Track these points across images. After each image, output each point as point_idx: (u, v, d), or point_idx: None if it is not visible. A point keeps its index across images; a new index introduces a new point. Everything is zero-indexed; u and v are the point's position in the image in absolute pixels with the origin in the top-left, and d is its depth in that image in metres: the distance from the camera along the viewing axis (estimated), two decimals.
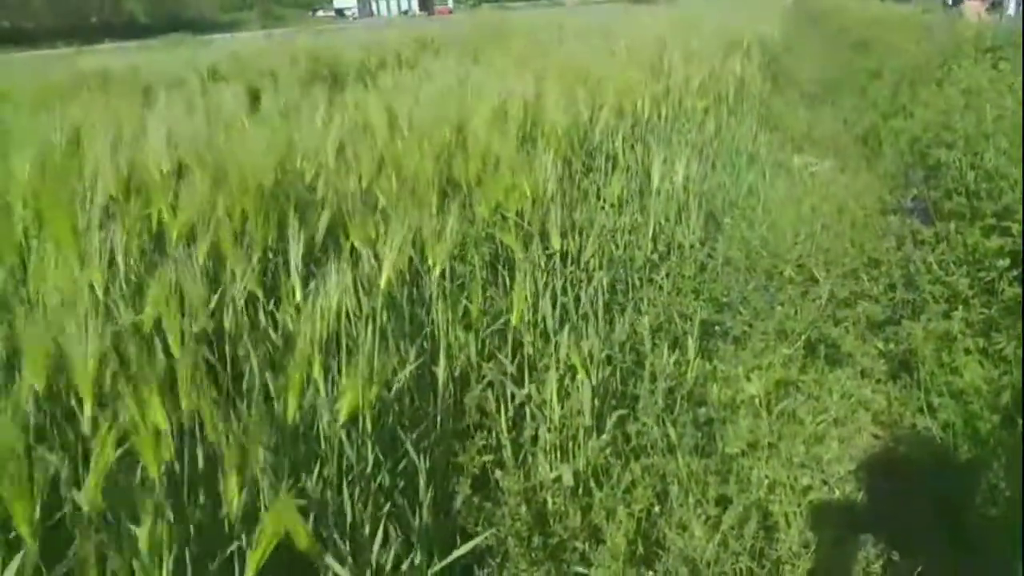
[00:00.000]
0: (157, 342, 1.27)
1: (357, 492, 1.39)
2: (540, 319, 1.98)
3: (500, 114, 2.74)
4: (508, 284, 2.13)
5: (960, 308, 2.29)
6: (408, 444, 1.52)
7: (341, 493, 1.37)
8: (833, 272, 2.66)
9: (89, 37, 19.03)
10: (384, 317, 1.62)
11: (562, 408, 1.75)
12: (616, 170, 2.95)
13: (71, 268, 1.24)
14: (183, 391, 1.14)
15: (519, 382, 1.86)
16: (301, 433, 1.42)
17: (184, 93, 3.30)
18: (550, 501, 1.66)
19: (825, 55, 9.18)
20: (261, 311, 1.62)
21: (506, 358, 1.87)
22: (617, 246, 2.63)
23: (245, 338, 1.41)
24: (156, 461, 1.05)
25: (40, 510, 0.99)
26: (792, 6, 16.48)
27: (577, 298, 2.17)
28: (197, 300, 1.27)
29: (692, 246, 2.89)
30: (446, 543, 1.50)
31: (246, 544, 1.06)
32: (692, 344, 2.10)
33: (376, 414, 1.41)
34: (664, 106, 3.77)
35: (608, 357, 1.99)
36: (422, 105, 2.56)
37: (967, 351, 2.14)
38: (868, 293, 2.58)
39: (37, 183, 1.61)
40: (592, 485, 1.68)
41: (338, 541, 1.33)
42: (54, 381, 1.09)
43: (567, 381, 1.82)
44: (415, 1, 48.69)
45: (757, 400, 1.95)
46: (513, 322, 1.77)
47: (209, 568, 1.23)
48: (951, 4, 10.53)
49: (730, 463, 1.78)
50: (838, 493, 1.81)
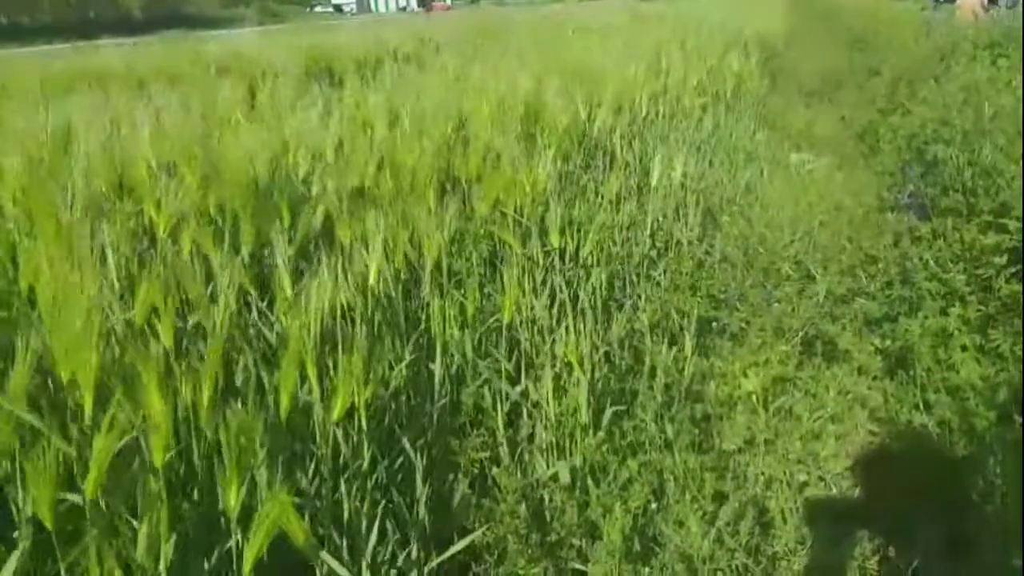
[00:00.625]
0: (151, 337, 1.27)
1: (354, 489, 1.39)
2: (537, 316, 1.97)
3: (499, 111, 2.74)
4: (505, 281, 2.13)
5: (957, 305, 2.29)
6: (405, 441, 1.52)
7: (338, 490, 1.36)
8: (830, 269, 2.66)
9: (86, 33, 18.96)
10: (380, 314, 1.62)
11: (559, 405, 1.75)
12: (614, 167, 2.94)
13: (62, 264, 1.23)
14: (179, 386, 1.14)
15: (515, 379, 1.85)
16: (296, 430, 1.42)
17: (180, 89, 3.28)
18: (547, 498, 1.66)
19: (823, 52, 9.16)
20: (254, 307, 1.61)
21: (503, 355, 1.87)
22: (615, 243, 2.63)
23: (237, 335, 1.40)
24: (161, 451, 1.05)
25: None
26: (791, 3, 16.45)
27: (575, 295, 2.17)
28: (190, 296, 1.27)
29: (690, 243, 2.89)
30: (443, 540, 1.50)
31: (242, 540, 1.05)
32: (689, 341, 2.10)
33: (373, 411, 1.40)
34: (662, 103, 3.77)
35: (605, 354, 1.99)
36: (420, 101, 2.55)
37: (963, 348, 2.14)
38: (865, 290, 2.58)
39: (28, 180, 1.60)
40: (589, 482, 1.68)
41: (335, 538, 1.33)
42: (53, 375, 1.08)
43: (564, 378, 1.82)
44: None
45: (754, 397, 1.95)
46: (504, 319, 1.76)
47: (207, 564, 1.23)
48: (939, 1, 10.52)
49: (727, 459, 1.78)
50: (834, 489, 1.81)
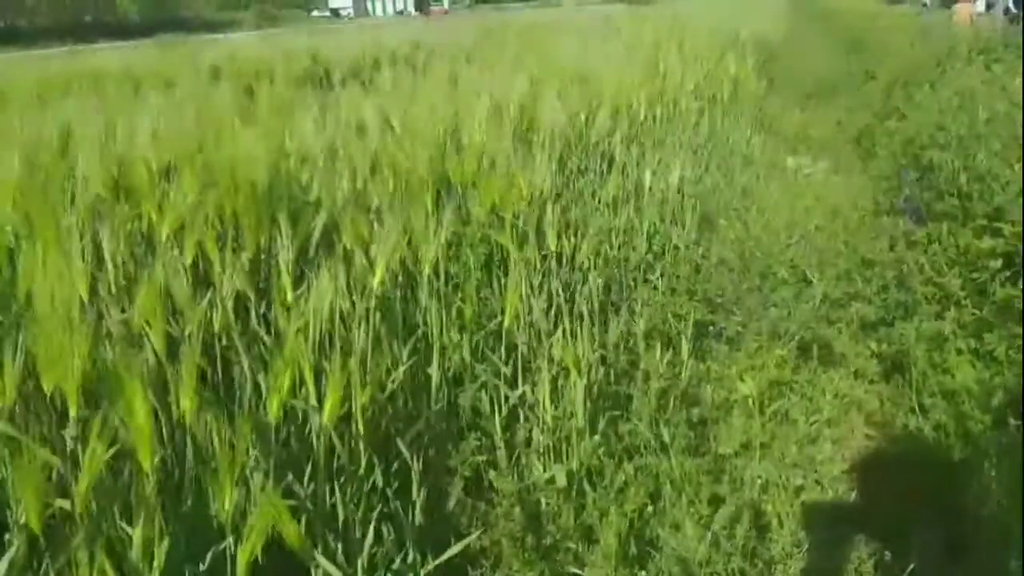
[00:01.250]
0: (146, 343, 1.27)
1: (350, 492, 1.39)
2: (534, 320, 1.98)
3: (496, 115, 2.74)
4: (503, 285, 2.13)
5: (952, 309, 2.29)
6: (401, 444, 1.52)
7: (334, 493, 1.36)
8: (826, 273, 2.67)
9: (83, 36, 18.96)
10: (377, 318, 1.62)
11: (555, 409, 1.75)
12: (611, 171, 2.95)
13: (58, 268, 1.23)
14: (174, 392, 1.14)
15: (512, 383, 1.85)
16: (292, 433, 1.42)
17: (177, 93, 3.28)
18: (543, 502, 1.66)
19: (820, 56, 9.20)
20: (252, 312, 1.61)
21: (500, 359, 1.87)
22: (612, 246, 2.63)
23: (236, 339, 1.40)
24: (148, 458, 1.05)
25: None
26: (788, 7, 16.50)
27: (571, 298, 2.17)
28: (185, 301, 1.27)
29: (686, 247, 2.89)
30: (439, 543, 1.49)
31: (233, 544, 1.05)
32: (686, 344, 2.10)
33: (370, 415, 1.40)
34: (659, 107, 3.78)
35: (602, 358, 1.99)
36: (417, 105, 2.55)
37: (959, 352, 2.14)
38: (861, 294, 2.59)
39: (25, 183, 1.60)
40: (585, 485, 1.68)
41: (331, 541, 1.33)
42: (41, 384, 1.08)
43: (560, 382, 1.82)
44: (411, 1, 48.61)
45: (750, 400, 1.95)
46: (506, 323, 1.77)
47: (200, 568, 1.23)
48: (927, 5, 10.59)
49: (723, 463, 1.78)
50: (831, 493, 1.81)
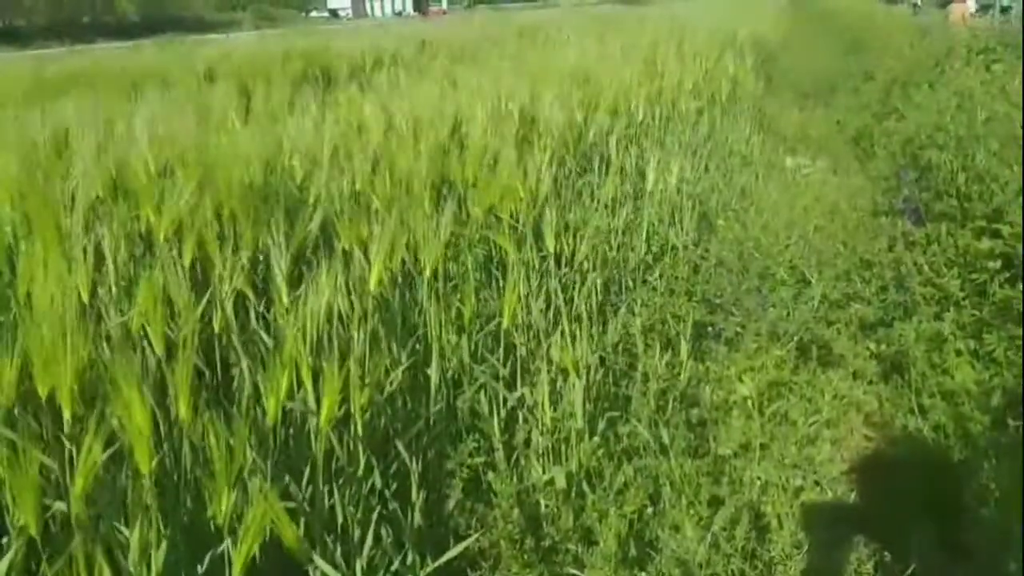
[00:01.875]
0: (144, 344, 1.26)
1: (349, 494, 1.38)
2: (533, 321, 1.97)
3: (494, 115, 2.73)
4: (501, 286, 2.13)
5: (951, 310, 2.29)
6: (400, 446, 1.52)
7: (332, 495, 1.36)
8: (825, 274, 2.67)
9: (81, 36, 18.93)
10: (376, 319, 1.61)
11: (554, 410, 1.75)
12: (610, 171, 2.95)
13: (58, 269, 1.23)
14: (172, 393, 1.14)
15: (511, 384, 1.85)
16: (291, 435, 1.41)
17: (175, 93, 3.28)
18: (542, 503, 1.66)
19: (819, 56, 9.20)
20: (252, 312, 1.61)
21: (498, 360, 1.86)
22: (611, 247, 2.63)
23: (234, 340, 1.40)
24: (146, 460, 1.04)
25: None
26: (787, 7, 16.51)
27: (570, 299, 2.17)
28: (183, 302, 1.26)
29: (685, 247, 2.89)
30: (438, 545, 1.49)
31: (231, 545, 1.05)
32: (685, 345, 2.10)
33: (368, 416, 1.40)
34: (658, 107, 3.78)
35: (601, 359, 1.99)
36: (416, 106, 2.55)
37: (958, 353, 2.14)
38: (860, 295, 2.59)
39: (24, 183, 1.59)
40: (584, 487, 1.68)
41: (329, 543, 1.32)
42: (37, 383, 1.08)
43: (559, 383, 1.81)
44: (409, 2, 48.59)
45: (749, 401, 1.95)
46: (504, 324, 1.76)
47: (198, 569, 1.22)
48: (918, 5, 10.61)
49: (722, 464, 1.78)
50: (830, 494, 1.81)
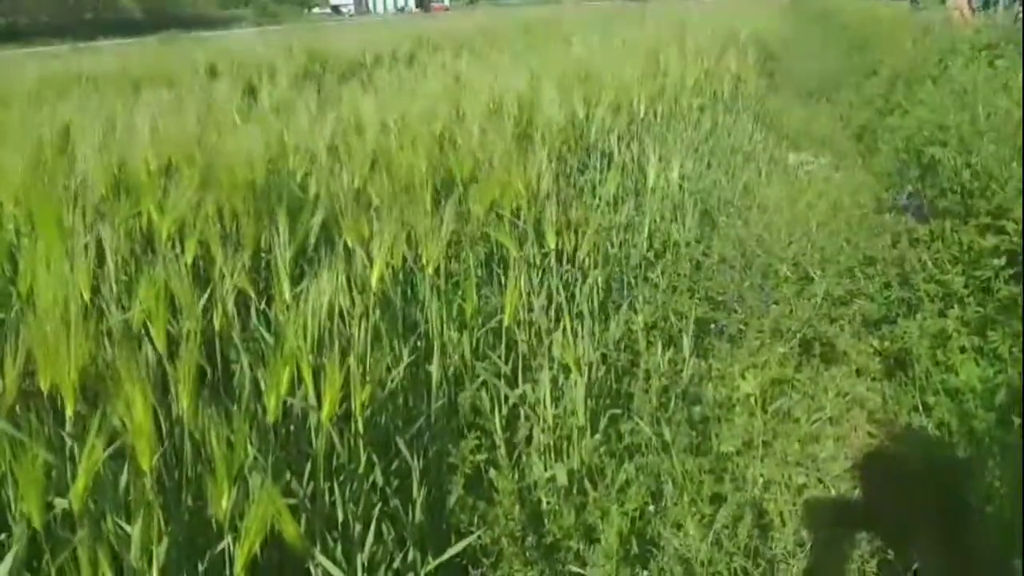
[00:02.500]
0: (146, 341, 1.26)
1: (350, 491, 1.38)
2: (534, 318, 1.97)
3: (496, 112, 2.73)
4: (502, 283, 2.12)
5: (955, 307, 2.28)
6: (401, 443, 1.52)
7: (333, 492, 1.36)
8: (828, 270, 2.66)
9: (84, 34, 18.94)
10: (377, 315, 1.61)
11: (556, 407, 1.74)
12: (612, 168, 2.94)
13: (60, 266, 1.23)
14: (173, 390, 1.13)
15: (513, 381, 1.85)
16: (291, 432, 1.41)
17: (177, 90, 3.28)
18: (544, 500, 1.66)
19: (821, 53, 9.18)
20: (252, 309, 1.61)
21: (500, 357, 1.86)
22: (612, 244, 2.62)
23: (235, 336, 1.40)
24: (147, 457, 1.04)
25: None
26: (789, 4, 16.45)
27: (572, 296, 2.16)
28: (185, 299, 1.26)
29: (688, 244, 2.88)
30: (439, 542, 1.49)
31: (232, 542, 1.04)
32: (687, 342, 2.10)
33: (369, 413, 1.39)
34: (660, 104, 3.77)
35: (603, 356, 1.99)
36: (417, 102, 2.55)
37: (962, 350, 2.14)
38: (863, 291, 2.58)
39: (28, 181, 1.60)
40: (586, 484, 1.68)
41: (330, 540, 1.32)
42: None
43: (561, 380, 1.81)
44: None
45: (752, 399, 1.94)
46: (506, 321, 1.76)
47: (199, 567, 1.22)
48: (916, 1, 10.55)
49: (725, 462, 1.78)
50: (833, 492, 1.81)
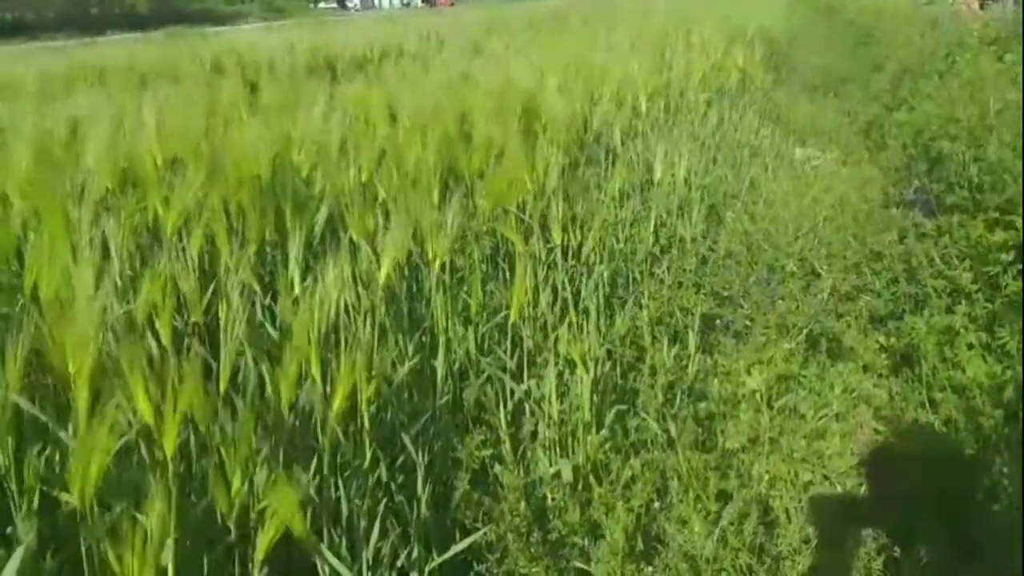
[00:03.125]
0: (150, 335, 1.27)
1: (355, 486, 1.38)
2: (540, 313, 1.97)
3: (502, 106, 2.72)
4: (508, 278, 2.12)
5: (963, 302, 2.27)
6: (407, 439, 1.52)
7: (338, 487, 1.36)
8: (835, 266, 2.65)
9: (90, 29, 19.01)
10: (383, 311, 1.61)
11: (561, 403, 1.74)
12: (617, 163, 2.93)
13: (65, 260, 1.23)
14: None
15: (518, 377, 1.85)
16: (297, 427, 1.41)
17: (183, 85, 3.28)
18: (549, 496, 1.66)
19: (828, 47, 9.12)
20: (258, 304, 1.61)
21: (505, 353, 1.86)
22: (618, 239, 2.62)
23: (240, 332, 1.40)
24: (172, 441, 1.04)
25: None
26: None
27: (577, 292, 2.16)
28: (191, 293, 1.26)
29: (693, 239, 2.88)
30: (444, 538, 1.49)
31: (238, 538, 1.05)
32: (693, 338, 2.09)
33: (375, 408, 1.40)
34: (666, 98, 3.75)
35: (608, 351, 1.98)
36: (422, 97, 2.54)
37: (970, 346, 2.12)
38: (870, 287, 2.57)
39: (35, 174, 1.60)
40: (591, 480, 1.68)
41: (335, 535, 1.32)
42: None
43: (566, 376, 1.81)
44: None
45: (758, 395, 1.93)
46: (512, 316, 1.76)
47: (205, 562, 1.23)
48: None
49: (730, 458, 1.77)
50: (839, 488, 1.80)
